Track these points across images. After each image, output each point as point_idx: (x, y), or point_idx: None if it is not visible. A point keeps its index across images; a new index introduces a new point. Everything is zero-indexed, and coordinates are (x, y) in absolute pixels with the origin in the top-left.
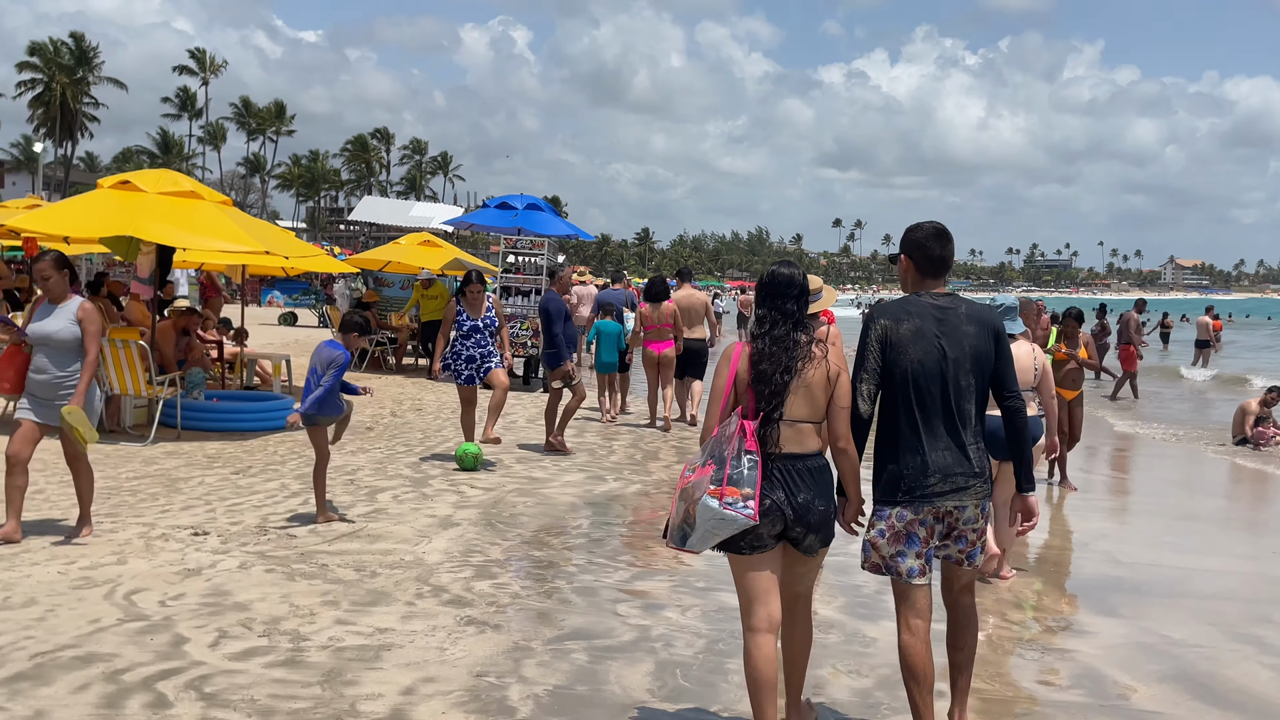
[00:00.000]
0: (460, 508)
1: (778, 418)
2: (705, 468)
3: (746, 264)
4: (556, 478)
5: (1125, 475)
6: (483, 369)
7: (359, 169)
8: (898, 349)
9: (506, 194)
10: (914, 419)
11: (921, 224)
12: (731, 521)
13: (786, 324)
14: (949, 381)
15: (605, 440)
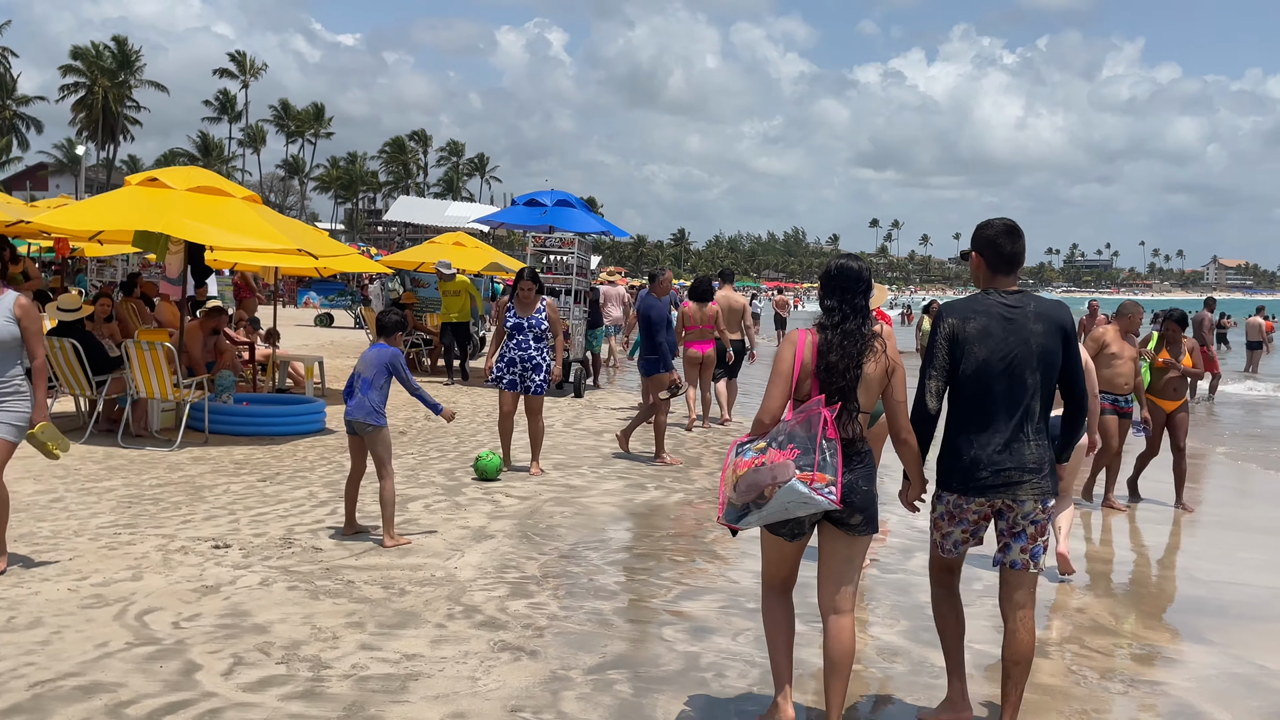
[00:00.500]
0: (495, 518)
1: (854, 411)
2: (785, 451)
3: (783, 264)
4: (595, 485)
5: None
6: (526, 379)
7: (396, 171)
8: (965, 346)
9: (537, 191)
10: (976, 414)
11: (992, 221)
12: (818, 505)
13: (856, 318)
14: (1014, 379)
15: (644, 446)
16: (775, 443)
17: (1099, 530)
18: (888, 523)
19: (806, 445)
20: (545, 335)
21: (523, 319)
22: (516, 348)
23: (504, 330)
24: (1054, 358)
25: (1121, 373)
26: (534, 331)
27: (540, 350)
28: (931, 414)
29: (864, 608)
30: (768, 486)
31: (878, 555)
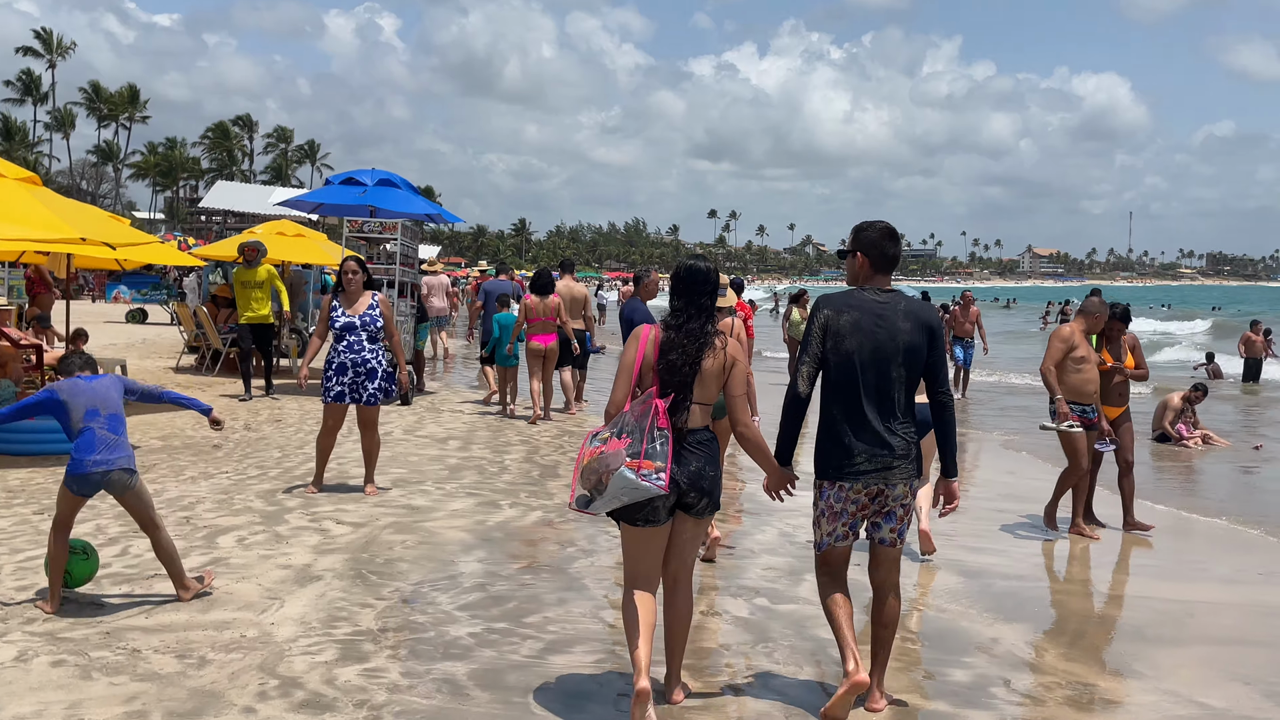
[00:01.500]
0: (323, 552)
1: (687, 404)
2: (620, 440)
3: (624, 255)
4: (441, 505)
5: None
6: (360, 388)
7: (220, 157)
8: (838, 338)
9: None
10: (848, 403)
11: (874, 223)
12: (645, 491)
13: (700, 318)
14: (882, 371)
15: (495, 454)
16: (615, 432)
17: (1055, 557)
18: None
19: (638, 434)
20: (380, 335)
21: (354, 317)
22: (348, 350)
23: (326, 332)
24: (919, 354)
25: (1090, 379)
26: (368, 331)
27: (376, 353)
28: (802, 397)
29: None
30: (604, 474)
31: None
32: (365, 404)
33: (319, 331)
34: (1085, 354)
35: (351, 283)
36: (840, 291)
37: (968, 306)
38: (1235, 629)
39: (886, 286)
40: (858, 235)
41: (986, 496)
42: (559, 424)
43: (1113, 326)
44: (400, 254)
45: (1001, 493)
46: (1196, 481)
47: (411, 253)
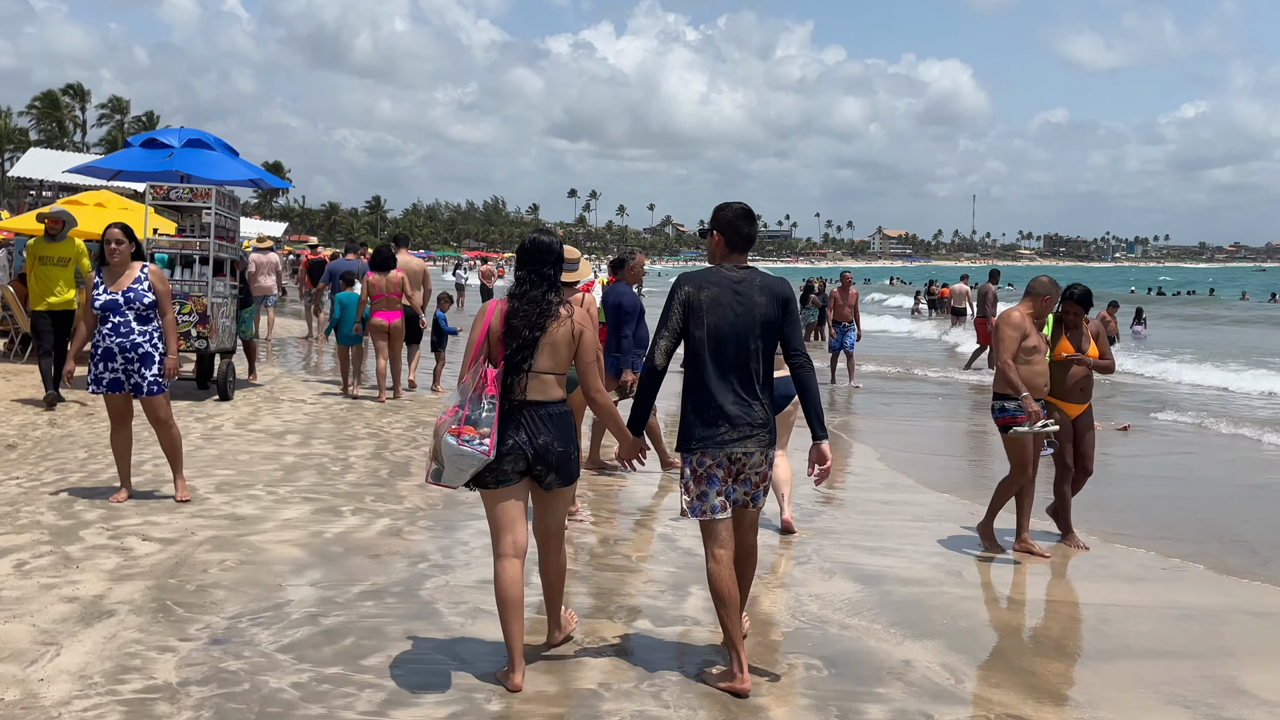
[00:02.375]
0: (121, 578)
1: (526, 369)
2: (453, 409)
3: (483, 234)
4: (272, 513)
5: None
6: (133, 375)
7: (49, 128)
8: (698, 313)
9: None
10: (709, 375)
11: (731, 204)
12: (470, 457)
13: (541, 286)
14: (741, 344)
15: (339, 450)
16: (456, 403)
17: (949, 555)
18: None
19: (462, 401)
20: (152, 313)
21: (117, 294)
22: (114, 333)
23: (90, 314)
24: (775, 326)
25: (1040, 371)
26: (135, 309)
27: (148, 335)
28: (659, 370)
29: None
30: (437, 443)
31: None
32: (147, 395)
33: (84, 315)
34: (1036, 343)
35: (115, 254)
36: (700, 269)
37: (847, 288)
38: (1156, 638)
39: (743, 264)
40: (716, 215)
41: (868, 487)
42: (411, 413)
43: (1070, 310)
44: (216, 225)
45: (884, 482)
46: None
47: (231, 224)
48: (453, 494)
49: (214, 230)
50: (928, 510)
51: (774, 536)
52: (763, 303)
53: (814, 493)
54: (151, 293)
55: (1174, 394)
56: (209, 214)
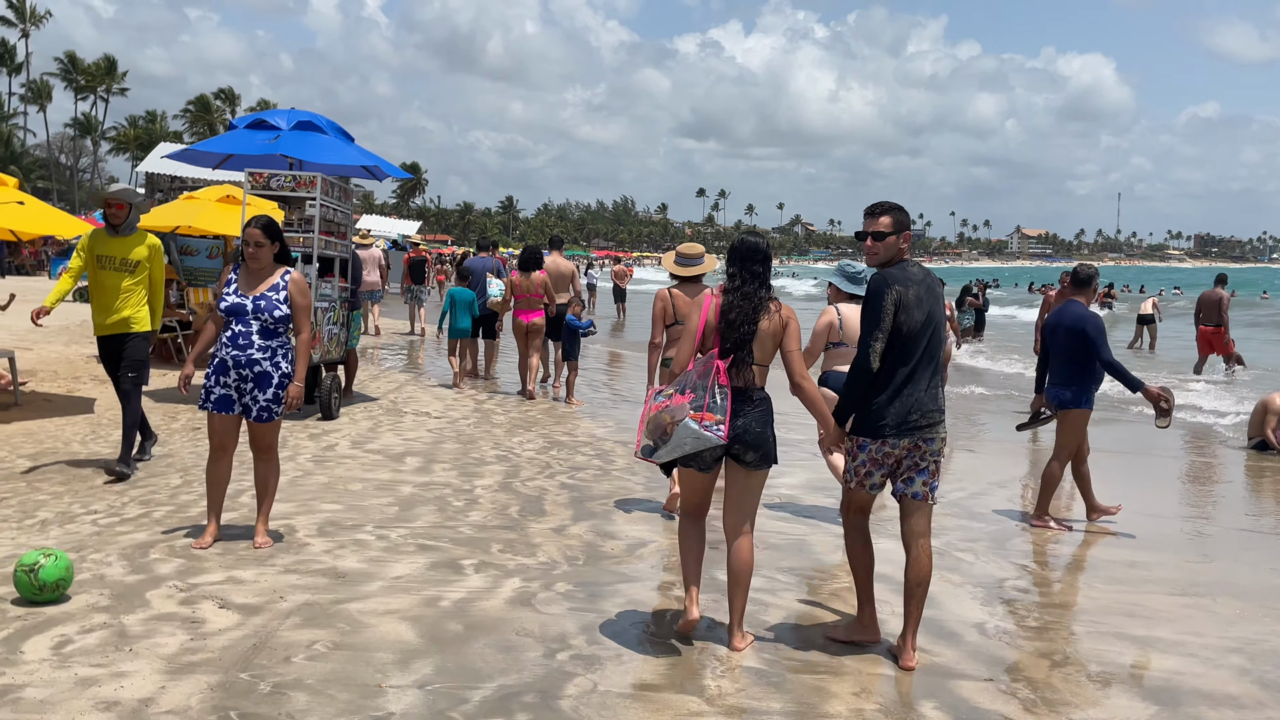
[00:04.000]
0: (180, 670)
1: (745, 362)
2: (684, 395)
3: (612, 233)
4: (380, 569)
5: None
6: (247, 395)
7: (202, 131)
8: (907, 310)
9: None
10: (909, 367)
11: (886, 202)
12: (708, 440)
13: (754, 283)
14: (934, 336)
15: (464, 477)
16: (679, 389)
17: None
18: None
19: (700, 390)
20: (281, 328)
21: (245, 298)
22: (231, 344)
23: (219, 316)
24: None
25: None
26: (262, 319)
27: (271, 351)
28: (874, 371)
29: None
30: (669, 425)
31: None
32: (255, 420)
33: (211, 316)
34: None
35: (256, 256)
36: (894, 269)
37: None
38: None
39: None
40: (901, 216)
41: (1107, 544)
42: (545, 430)
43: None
44: (322, 218)
45: (1124, 536)
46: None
47: (342, 218)
48: (596, 546)
49: (319, 224)
50: (1195, 582)
51: (1002, 615)
52: (940, 294)
53: (1050, 552)
54: (286, 304)
55: None
56: (313, 205)
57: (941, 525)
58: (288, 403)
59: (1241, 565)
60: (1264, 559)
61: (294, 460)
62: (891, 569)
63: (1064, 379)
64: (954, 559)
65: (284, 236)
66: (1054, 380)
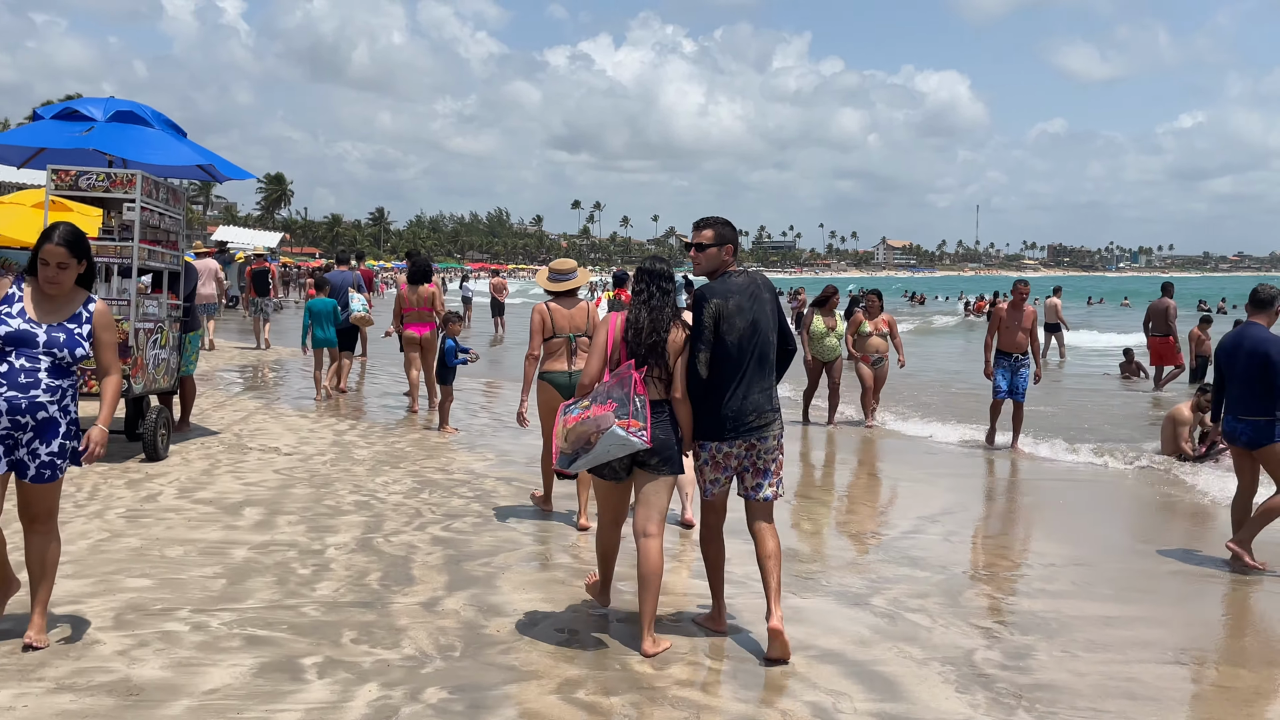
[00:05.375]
0: None
1: (655, 371)
2: (606, 405)
3: (486, 245)
4: (190, 678)
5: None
6: (24, 448)
7: None
8: (729, 320)
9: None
10: (737, 372)
11: (716, 217)
12: (634, 445)
13: (660, 297)
14: (762, 341)
15: (313, 531)
16: (596, 400)
17: None
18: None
19: (622, 400)
20: (75, 366)
21: (38, 326)
22: (9, 382)
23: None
24: (778, 319)
25: None
26: (56, 356)
27: (60, 393)
28: (704, 379)
29: None
30: (593, 434)
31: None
32: (33, 480)
33: None
34: None
35: (58, 281)
36: (714, 282)
37: (1020, 303)
38: None
39: (736, 268)
40: (724, 230)
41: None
42: (414, 467)
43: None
44: (148, 224)
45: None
46: None
47: (170, 224)
48: (477, 627)
49: (139, 230)
50: (1186, 646)
51: (986, 708)
52: (768, 300)
53: (1009, 607)
54: (86, 341)
55: None
56: (132, 209)
57: (882, 577)
58: (89, 450)
59: (1224, 614)
60: (1236, 608)
61: (102, 517)
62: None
63: (1246, 407)
64: (908, 625)
65: (91, 250)
66: (1232, 409)
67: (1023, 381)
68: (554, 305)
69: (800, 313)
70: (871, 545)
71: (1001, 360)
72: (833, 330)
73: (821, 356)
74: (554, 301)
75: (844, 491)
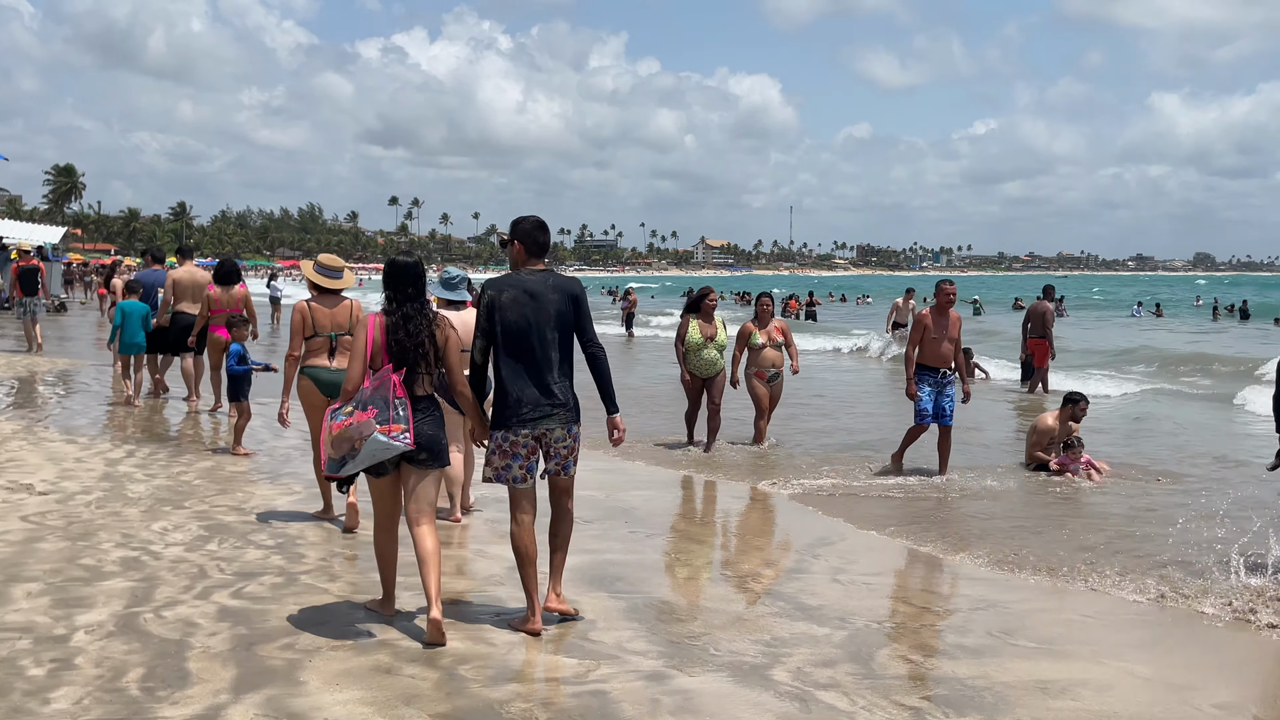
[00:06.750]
0: None
1: (417, 375)
2: (367, 412)
3: (299, 242)
4: None
5: None
6: None
7: None
8: (501, 312)
9: None
10: (513, 364)
11: (526, 217)
12: (396, 449)
13: (410, 302)
14: (539, 335)
15: (58, 614)
16: (358, 405)
17: None
18: None
19: (382, 405)
20: None
21: None
22: None
23: None
24: (568, 319)
25: None
26: None
27: None
28: (480, 367)
29: None
30: (356, 440)
31: None
32: None
33: None
34: None
35: None
36: (502, 275)
37: (945, 308)
38: None
39: (539, 267)
40: (515, 227)
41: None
42: (205, 509)
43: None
44: None
45: None
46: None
47: None
48: None
49: None
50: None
51: None
52: (555, 299)
53: (935, 673)
54: None
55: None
56: None
57: (777, 638)
58: None
59: (1185, 665)
60: (1188, 656)
61: None
62: None
63: None
64: (824, 710)
65: None
66: None
67: (949, 402)
68: (315, 304)
69: (631, 314)
70: (756, 592)
71: (926, 376)
72: (712, 340)
73: (699, 372)
74: (316, 300)
75: (721, 524)
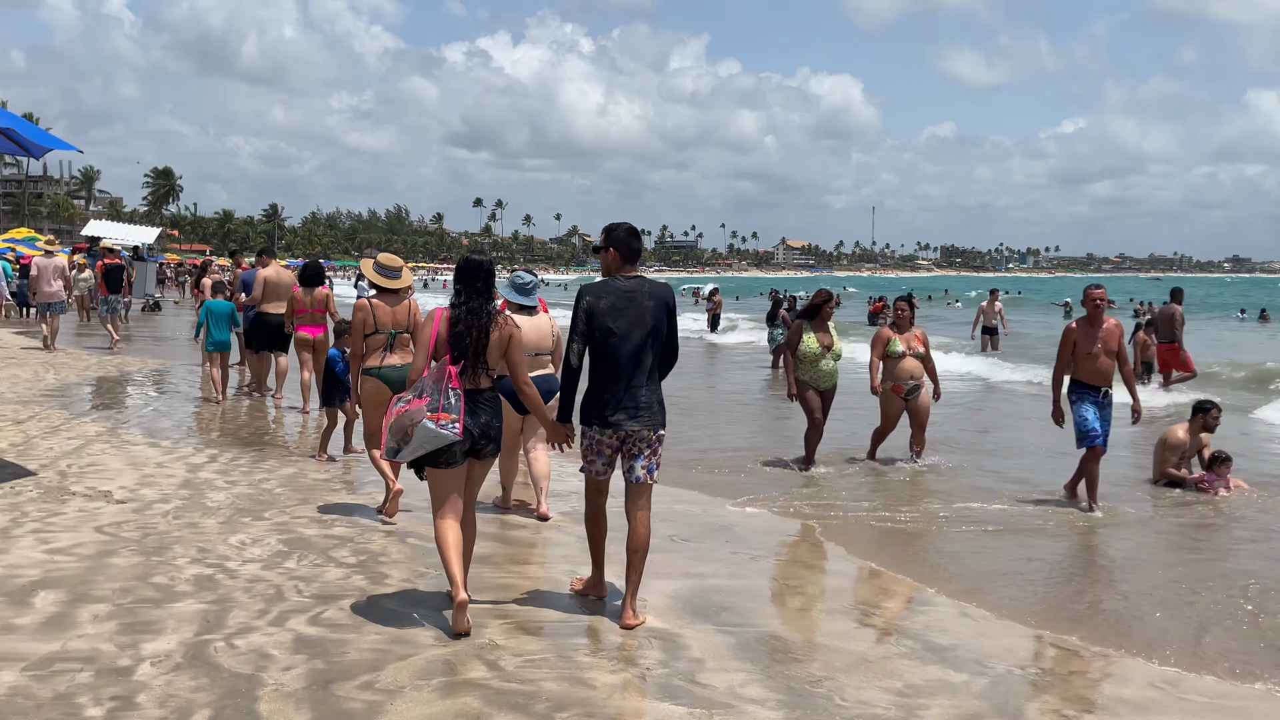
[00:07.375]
0: None
1: (479, 366)
2: (420, 400)
3: (386, 243)
4: None
5: None
6: None
7: None
8: (600, 319)
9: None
10: (605, 367)
11: (620, 224)
12: (444, 438)
13: (478, 298)
14: (633, 341)
15: (125, 638)
16: (415, 394)
17: None
18: None
19: (435, 393)
20: None
21: None
22: None
23: None
24: (661, 326)
25: None
26: None
27: None
28: (574, 370)
29: None
30: (409, 427)
31: None
32: None
33: None
34: None
35: None
36: (599, 281)
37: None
38: None
39: (633, 274)
40: (610, 235)
41: None
42: (286, 520)
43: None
44: None
45: None
46: None
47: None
48: None
49: None
50: None
51: None
52: (650, 307)
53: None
54: None
55: None
56: None
57: (910, 685)
58: None
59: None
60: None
61: None
62: None
63: None
64: None
65: None
66: None
67: (1107, 425)
68: (377, 302)
69: (716, 315)
70: (878, 628)
71: (1086, 395)
72: (829, 350)
73: (817, 384)
74: (378, 298)
75: (831, 548)
